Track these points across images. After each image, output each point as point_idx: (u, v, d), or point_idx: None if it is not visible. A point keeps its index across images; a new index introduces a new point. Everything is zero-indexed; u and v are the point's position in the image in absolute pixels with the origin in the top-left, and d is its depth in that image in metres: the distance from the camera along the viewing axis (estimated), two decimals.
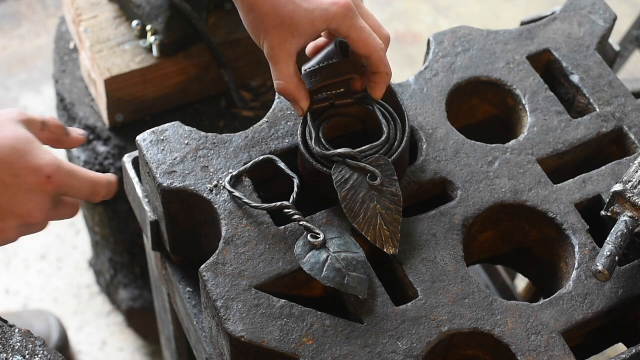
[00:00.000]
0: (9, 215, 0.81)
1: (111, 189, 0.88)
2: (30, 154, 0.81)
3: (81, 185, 0.84)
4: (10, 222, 0.81)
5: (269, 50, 0.92)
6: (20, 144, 0.81)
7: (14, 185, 0.80)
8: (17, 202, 0.80)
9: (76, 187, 0.84)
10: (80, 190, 0.84)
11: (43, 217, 0.83)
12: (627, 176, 0.94)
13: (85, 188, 0.85)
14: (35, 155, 0.81)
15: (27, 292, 1.93)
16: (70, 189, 0.83)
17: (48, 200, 0.82)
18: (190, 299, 1.04)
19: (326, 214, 0.95)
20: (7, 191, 0.80)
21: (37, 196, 0.81)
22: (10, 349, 0.91)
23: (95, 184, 0.86)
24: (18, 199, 0.80)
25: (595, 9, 1.15)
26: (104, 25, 1.38)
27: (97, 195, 0.86)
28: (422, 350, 0.87)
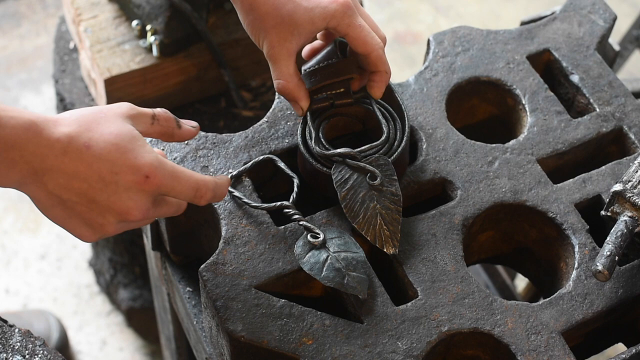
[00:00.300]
0: (108, 212, 0.80)
1: (219, 192, 0.86)
2: (131, 152, 0.80)
3: (182, 187, 0.82)
4: (109, 218, 0.81)
5: (269, 49, 0.92)
6: (123, 141, 0.80)
7: (113, 182, 0.79)
8: (116, 199, 0.80)
9: (176, 189, 0.82)
10: (180, 193, 0.83)
11: (142, 216, 0.82)
12: (627, 176, 0.94)
13: (186, 191, 0.83)
14: (137, 154, 0.80)
15: (27, 292, 1.93)
16: (170, 190, 0.82)
17: (147, 200, 0.81)
18: (190, 299, 1.04)
19: (326, 214, 0.95)
20: (107, 188, 0.79)
21: (135, 195, 0.80)
22: (10, 349, 0.91)
23: (199, 187, 0.83)
24: (117, 197, 0.80)
25: (595, 9, 1.15)
26: (104, 25, 1.38)
27: (200, 199, 0.84)
28: (422, 350, 0.87)
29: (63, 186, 0.79)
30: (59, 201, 0.80)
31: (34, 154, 0.77)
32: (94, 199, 0.79)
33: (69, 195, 0.79)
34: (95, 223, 0.81)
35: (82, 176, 0.79)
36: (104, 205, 0.80)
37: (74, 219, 0.81)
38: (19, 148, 0.76)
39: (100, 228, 0.82)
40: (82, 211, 0.80)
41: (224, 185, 0.87)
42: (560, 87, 1.11)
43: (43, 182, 0.78)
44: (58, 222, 0.82)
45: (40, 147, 0.77)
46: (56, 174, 0.78)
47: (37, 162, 0.78)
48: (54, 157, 0.78)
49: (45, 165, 0.78)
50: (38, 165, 0.78)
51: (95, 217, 0.81)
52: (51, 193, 0.79)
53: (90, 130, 0.80)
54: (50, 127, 0.78)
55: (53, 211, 0.81)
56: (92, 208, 0.80)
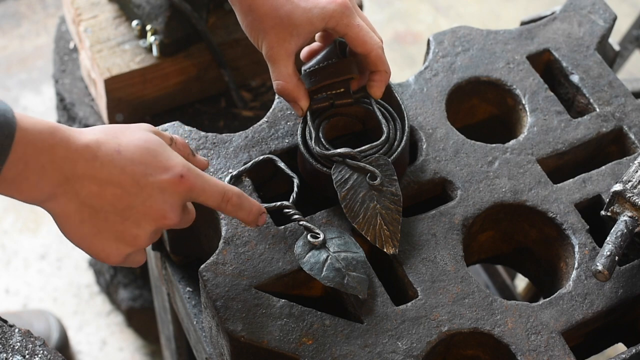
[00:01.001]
0: (143, 219, 0.79)
1: (245, 201, 0.86)
2: (162, 155, 0.80)
3: (211, 190, 0.82)
4: (145, 227, 0.79)
5: (268, 50, 0.92)
6: (153, 146, 0.80)
7: (148, 185, 0.78)
8: (152, 203, 0.79)
9: (207, 192, 0.82)
10: (211, 195, 0.82)
11: (176, 221, 0.81)
12: (627, 176, 0.94)
13: (215, 194, 0.83)
14: (168, 157, 0.80)
15: (27, 292, 1.93)
16: (202, 192, 0.81)
17: (180, 202, 0.81)
18: (190, 299, 1.04)
19: (326, 214, 0.95)
20: (142, 192, 0.78)
21: (170, 197, 0.79)
22: (10, 349, 0.91)
23: (225, 190, 0.83)
24: (152, 200, 0.79)
25: (595, 9, 1.15)
26: (104, 25, 1.38)
27: (228, 202, 0.84)
28: (422, 350, 0.87)
29: (96, 194, 0.77)
30: (90, 213, 0.77)
31: (64, 158, 0.75)
32: (129, 205, 0.78)
33: (103, 203, 0.77)
34: (129, 235, 0.79)
35: (115, 181, 0.77)
36: (139, 212, 0.79)
37: (105, 233, 0.79)
38: (48, 153, 0.74)
39: (133, 241, 0.80)
40: (115, 222, 0.78)
41: (247, 196, 0.87)
42: (560, 87, 1.11)
43: (75, 191, 0.76)
44: (85, 242, 0.80)
45: (70, 152, 0.75)
46: (89, 181, 0.76)
47: (68, 168, 0.75)
48: (84, 162, 0.76)
49: (76, 171, 0.76)
50: (69, 172, 0.75)
51: (129, 227, 0.79)
52: (83, 203, 0.77)
53: (117, 137, 0.79)
54: (75, 134, 0.77)
55: (82, 228, 0.78)
56: (127, 216, 0.78)
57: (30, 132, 0.74)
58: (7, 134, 0.72)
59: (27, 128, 0.74)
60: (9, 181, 0.74)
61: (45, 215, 2.04)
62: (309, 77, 0.96)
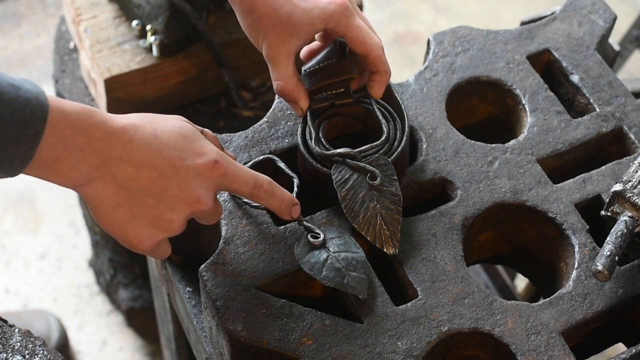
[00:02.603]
0: (178, 203, 0.80)
1: (276, 189, 0.87)
2: (197, 142, 0.82)
3: (244, 176, 0.84)
4: (180, 211, 0.80)
5: (268, 50, 0.92)
6: (187, 133, 0.82)
7: (183, 169, 0.79)
8: (187, 186, 0.80)
9: (240, 178, 0.83)
10: (243, 182, 0.84)
11: (210, 206, 0.82)
12: (627, 176, 0.94)
13: (248, 179, 0.84)
14: (202, 143, 0.82)
15: (27, 292, 1.93)
16: (235, 178, 0.83)
17: (214, 188, 0.82)
18: (190, 299, 1.04)
19: (326, 214, 0.95)
20: (177, 175, 0.79)
21: (205, 182, 0.81)
22: (10, 349, 0.91)
23: (257, 177, 0.85)
24: (188, 184, 0.80)
25: (595, 9, 1.15)
26: (104, 25, 1.38)
27: (259, 189, 0.85)
28: (422, 350, 0.87)
29: (133, 177, 0.78)
30: (126, 197, 0.78)
31: (102, 141, 0.76)
32: (164, 188, 0.79)
33: (139, 186, 0.78)
34: (163, 220, 0.80)
35: (152, 164, 0.78)
36: (175, 195, 0.80)
37: (140, 218, 0.79)
38: (86, 134, 0.75)
39: (167, 225, 0.81)
40: (150, 206, 0.79)
41: (278, 185, 0.87)
42: (560, 87, 1.11)
43: (112, 174, 0.77)
44: (118, 228, 0.80)
45: (108, 134, 0.76)
46: (125, 164, 0.77)
47: (106, 150, 0.76)
48: (122, 144, 0.77)
49: (113, 154, 0.77)
50: (106, 154, 0.76)
51: (164, 211, 0.80)
52: (120, 187, 0.78)
53: (152, 123, 0.80)
54: (111, 117, 0.78)
55: (117, 212, 0.79)
56: (162, 200, 0.79)
57: (69, 113, 0.74)
58: (40, 116, 0.73)
59: (65, 110, 0.74)
60: (48, 164, 0.75)
61: (45, 215, 2.04)
62: (309, 77, 0.96)
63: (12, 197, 2.07)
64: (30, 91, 0.73)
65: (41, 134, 0.73)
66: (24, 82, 0.74)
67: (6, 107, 0.71)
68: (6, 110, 0.71)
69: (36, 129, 0.73)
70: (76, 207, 2.03)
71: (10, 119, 0.71)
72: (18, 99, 0.72)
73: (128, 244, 0.81)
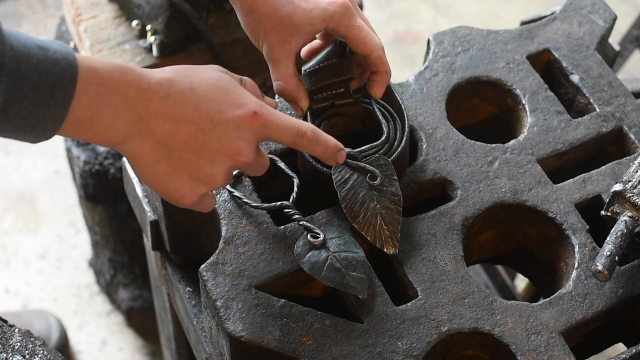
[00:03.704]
0: (218, 157, 0.79)
1: (320, 136, 0.85)
2: (235, 93, 0.80)
3: (285, 124, 0.82)
4: (220, 164, 0.79)
5: (268, 50, 0.92)
6: (225, 84, 0.80)
7: (222, 122, 0.78)
8: (226, 139, 0.79)
9: (281, 127, 0.82)
10: (284, 131, 0.82)
11: (251, 158, 0.80)
12: (627, 176, 0.94)
13: (289, 128, 0.82)
14: (240, 94, 0.81)
15: (27, 292, 1.93)
16: (275, 128, 0.81)
17: (255, 139, 0.81)
18: (190, 299, 1.04)
19: (326, 214, 0.95)
20: (216, 128, 0.78)
21: (244, 133, 0.79)
22: (10, 349, 0.91)
23: (299, 125, 0.83)
24: (227, 137, 0.79)
25: (595, 9, 1.15)
26: (104, 25, 1.38)
27: (303, 137, 0.84)
28: (422, 350, 0.87)
29: (171, 132, 0.77)
30: (165, 152, 0.77)
31: (137, 97, 0.75)
32: (203, 142, 0.78)
33: (177, 141, 0.77)
34: (204, 174, 0.79)
35: (189, 119, 0.77)
36: (214, 149, 0.79)
37: (180, 173, 0.79)
38: (120, 92, 0.74)
39: (209, 179, 0.80)
40: (190, 161, 0.78)
41: (322, 132, 0.86)
42: (560, 87, 1.11)
43: (150, 130, 0.76)
44: (159, 183, 0.79)
45: (143, 91, 0.75)
46: (163, 119, 0.76)
47: (141, 107, 0.76)
48: (157, 100, 0.76)
49: (149, 110, 0.76)
50: (142, 111, 0.76)
51: (204, 165, 0.79)
52: (158, 142, 0.77)
53: (189, 76, 0.79)
54: (146, 72, 0.77)
55: (157, 168, 0.78)
56: (202, 154, 0.78)
57: (100, 72, 0.74)
58: (70, 77, 0.72)
59: (96, 68, 0.74)
60: (83, 123, 0.74)
61: (45, 215, 2.04)
62: (309, 77, 0.96)
63: (12, 197, 2.07)
64: (58, 52, 0.72)
65: (72, 95, 0.72)
66: (52, 43, 0.73)
67: (34, 70, 0.70)
68: (34, 73, 0.70)
69: (67, 90, 0.72)
70: (76, 207, 2.03)
71: (39, 81, 0.71)
72: (46, 60, 0.71)
73: (171, 199, 0.81)
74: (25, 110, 0.71)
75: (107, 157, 1.49)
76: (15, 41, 0.70)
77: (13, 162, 2.13)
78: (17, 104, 0.70)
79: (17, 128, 0.72)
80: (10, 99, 0.70)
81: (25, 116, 0.71)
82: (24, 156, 2.14)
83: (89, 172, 1.50)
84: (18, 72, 0.70)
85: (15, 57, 0.69)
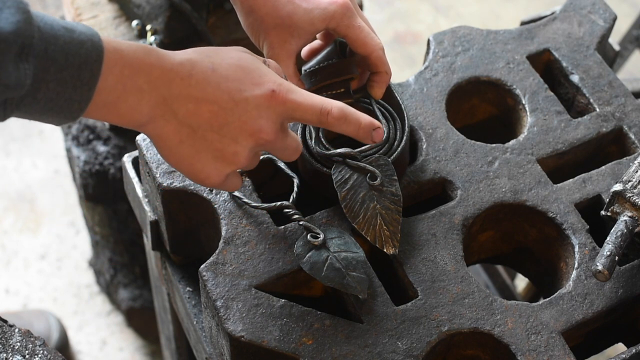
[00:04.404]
0: (240, 135, 0.79)
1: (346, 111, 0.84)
2: (256, 72, 0.81)
3: (308, 103, 0.82)
4: (243, 143, 0.80)
5: (269, 50, 0.92)
6: (246, 63, 0.81)
7: (243, 100, 0.79)
8: (247, 118, 0.79)
9: (302, 106, 0.81)
10: (306, 109, 0.82)
11: (274, 136, 0.81)
12: (627, 176, 0.94)
13: (312, 106, 0.82)
14: (261, 73, 0.81)
15: (27, 292, 1.93)
16: (296, 107, 0.81)
17: (277, 118, 0.81)
18: (190, 299, 1.04)
19: (326, 214, 0.95)
20: (237, 107, 0.79)
21: (265, 112, 0.80)
22: (10, 349, 0.91)
23: (323, 103, 0.83)
24: (248, 116, 0.79)
25: (595, 9, 1.15)
26: (104, 25, 1.38)
27: (327, 116, 0.83)
28: (422, 350, 0.87)
29: (193, 112, 0.78)
30: (188, 133, 0.78)
31: (160, 78, 0.76)
32: (225, 121, 0.79)
33: (200, 121, 0.78)
34: (228, 153, 0.80)
35: (211, 98, 0.78)
36: (236, 127, 0.79)
37: (204, 153, 0.79)
38: (144, 73, 0.75)
39: (233, 158, 0.80)
40: (213, 140, 0.79)
41: (353, 110, 0.85)
42: (560, 87, 1.11)
43: (173, 111, 0.77)
44: (184, 164, 0.80)
45: (166, 72, 0.76)
46: (185, 100, 0.77)
47: (165, 88, 0.76)
48: (180, 80, 0.77)
49: (172, 91, 0.77)
50: (166, 92, 0.76)
51: (227, 144, 0.79)
52: (182, 123, 0.78)
53: (210, 57, 0.80)
54: (168, 54, 0.78)
55: (181, 149, 0.79)
56: (224, 134, 0.79)
57: (126, 53, 0.74)
58: (95, 58, 0.72)
59: (122, 49, 0.74)
60: (108, 105, 0.75)
61: (45, 215, 2.04)
62: (309, 77, 0.96)
63: (12, 197, 2.07)
64: (84, 33, 0.73)
65: (98, 76, 0.73)
66: (77, 25, 0.73)
67: (61, 51, 0.71)
68: (61, 54, 0.71)
69: (93, 71, 0.72)
70: (76, 207, 2.03)
71: (65, 63, 0.71)
72: (72, 41, 0.72)
73: (196, 180, 0.82)
74: (53, 91, 0.72)
75: (107, 157, 1.49)
76: (42, 22, 0.70)
77: (13, 162, 2.13)
78: (45, 85, 0.71)
79: (44, 110, 0.73)
80: (39, 79, 0.71)
81: (52, 97, 0.72)
82: (24, 156, 2.14)
83: (89, 172, 1.51)
84: (46, 53, 0.70)
85: (43, 39, 0.70)
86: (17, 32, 0.68)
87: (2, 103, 0.70)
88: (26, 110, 0.72)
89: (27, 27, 0.69)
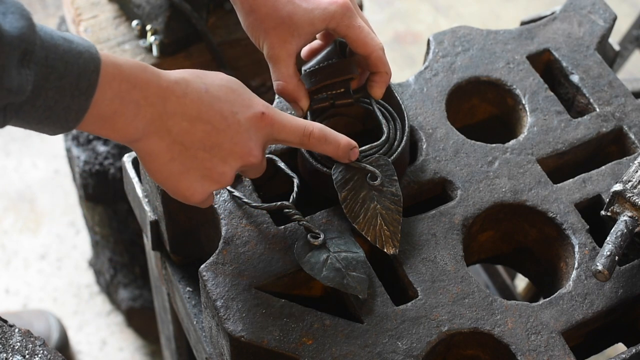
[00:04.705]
0: (230, 156, 0.82)
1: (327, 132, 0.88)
2: (245, 94, 0.83)
3: (292, 125, 0.85)
4: (232, 164, 0.82)
5: (269, 50, 0.92)
6: (236, 85, 0.83)
7: (235, 122, 0.81)
8: (238, 140, 0.81)
9: (287, 127, 0.84)
10: (291, 131, 0.85)
11: (260, 158, 0.83)
12: (627, 176, 0.94)
13: (296, 129, 0.85)
14: (250, 96, 0.84)
15: (27, 292, 1.93)
16: (282, 128, 0.84)
17: (263, 140, 0.84)
18: (190, 299, 1.04)
19: (326, 214, 0.95)
20: (229, 129, 0.81)
21: (254, 134, 0.82)
22: (10, 349, 0.91)
23: (305, 124, 0.86)
24: (239, 137, 0.81)
25: (595, 9, 1.15)
26: (104, 25, 1.38)
27: (310, 137, 0.86)
28: (422, 350, 0.87)
29: (187, 130, 0.79)
30: (180, 151, 0.80)
31: (156, 95, 0.77)
32: (217, 142, 0.80)
33: (193, 140, 0.80)
34: (215, 173, 0.82)
35: (204, 117, 0.80)
36: (227, 148, 0.81)
37: (192, 172, 0.81)
38: (141, 89, 0.76)
39: (220, 177, 0.82)
40: (203, 159, 0.80)
41: (332, 130, 0.89)
42: (560, 87, 1.11)
43: (167, 128, 0.78)
44: (171, 181, 0.82)
45: (162, 89, 0.78)
46: (180, 118, 0.79)
47: (161, 105, 0.78)
48: (175, 99, 0.78)
49: (168, 108, 0.78)
50: (162, 109, 0.78)
51: (216, 164, 0.81)
52: (175, 140, 0.79)
53: (202, 78, 0.81)
54: (162, 72, 0.79)
55: (170, 166, 0.80)
56: (215, 153, 0.81)
57: (124, 68, 0.76)
58: (93, 68, 0.74)
59: (120, 64, 0.76)
60: (106, 118, 0.76)
61: (45, 215, 2.04)
62: (309, 77, 0.96)
63: (12, 197, 2.07)
64: (81, 44, 0.74)
65: (95, 86, 0.74)
66: (74, 37, 0.75)
67: (60, 60, 0.72)
68: (61, 63, 0.72)
69: (90, 81, 0.74)
70: (76, 207, 2.03)
71: (64, 71, 0.72)
72: (71, 51, 0.73)
73: (181, 197, 0.83)
74: (52, 99, 0.72)
75: (107, 157, 1.49)
76: (42, 31, 0.72)
77: (13, 162, 2.13)
78: (45, 92, 0.72)
79: (42, 118, 0.74)
80: (39, 86, 0.71)
81: (51, 105, 0.73)
82: (24, 156, 2.14)
83: (89, 172, 1.51)
84: (46, 61, 0.71)
85: (44, 46, 0.71)
86: (21, 37, 0.69)
87: (2, 109, 0.71)
88: (24, 118, 0.73)
89: (30, 34, 0.70)
